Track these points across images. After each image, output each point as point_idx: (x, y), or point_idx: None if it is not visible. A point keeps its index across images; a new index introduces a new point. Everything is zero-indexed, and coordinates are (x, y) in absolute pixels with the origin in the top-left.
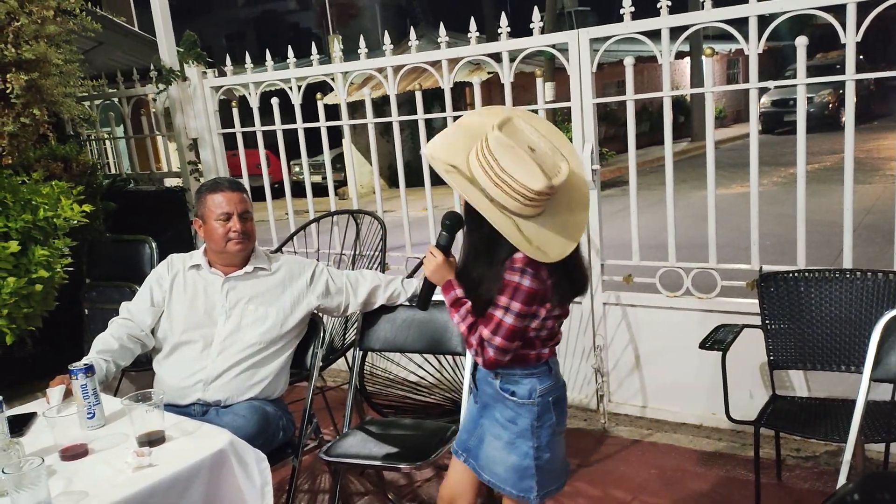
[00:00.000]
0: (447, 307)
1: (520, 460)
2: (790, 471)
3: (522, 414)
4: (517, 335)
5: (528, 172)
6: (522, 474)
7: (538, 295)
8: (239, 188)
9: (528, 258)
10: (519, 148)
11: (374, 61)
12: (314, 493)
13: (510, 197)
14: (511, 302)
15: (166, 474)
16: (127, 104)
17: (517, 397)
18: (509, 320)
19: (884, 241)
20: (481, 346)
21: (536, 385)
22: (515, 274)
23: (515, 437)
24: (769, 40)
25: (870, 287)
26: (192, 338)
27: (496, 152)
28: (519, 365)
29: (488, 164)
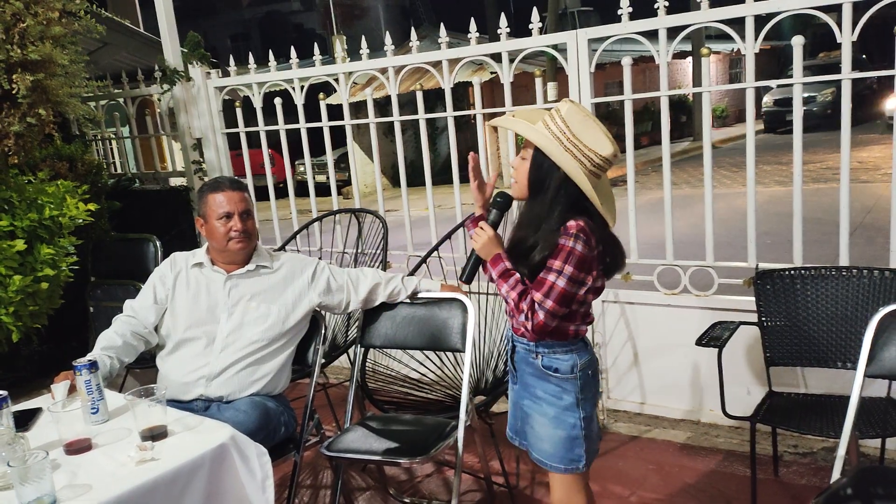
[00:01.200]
0: (495, 279)
1: (568, 432)
2: (787, 466)
3: (567, 388)
4: (567, 300)
5: (597, 139)
6: (572, 445)
7: (588, 261)
8: (240, 187)
9: (581, 224)
10: (588, 117)
11: (375, 62)
12: (316, 488)
13: (577, 161)
14: (564, 266)
15: (169, 468)
16: (132, 104)
17: (560, 373)
18: (561, 283)
19: (885, 241)
20: (532, 309)
21: (577, 360)
22: (570, 239)
23: (562, 411)
24: (771, 40)
25: (865, 284)
26: (195, 335)
27: (568, 119)
28: (559, 341)
29: (560, 130)
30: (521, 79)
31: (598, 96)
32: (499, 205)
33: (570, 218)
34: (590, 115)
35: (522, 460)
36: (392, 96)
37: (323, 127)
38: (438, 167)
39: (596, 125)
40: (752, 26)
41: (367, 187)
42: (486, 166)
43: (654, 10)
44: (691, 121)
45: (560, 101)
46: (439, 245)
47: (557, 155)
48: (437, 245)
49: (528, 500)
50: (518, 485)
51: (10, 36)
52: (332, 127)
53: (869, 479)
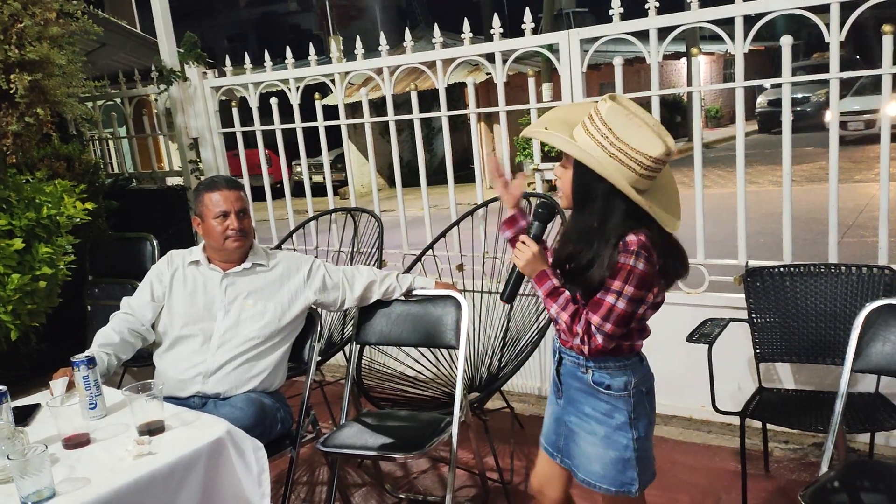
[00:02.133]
0: (542, 298)
1: (620, 454)
2: (777, 461)
3: (619, 406)
4: (627, 321)
5: (645, 139)
6: (624, 467)
7: (649, 279)
8: (236, 186)
9: (642, 240)
10: (633, 114)
11: (370, 62)
12: (312, 484)
13: (626, 167)
14: (625, 286)
15: (165, 462)
16: (129, 104)
17: (613, 390)
18: (622, 305)
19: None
20: (588, 333)
21: (631, 377)
22: (630, 257)
23: (613, 430)
24: (766, 40)
25: (854, 281)
26: (191, 332)
27: (610, 121)
28: (614, 356)
29: (602, 135)
30: (517, 79)
31: (593, 96)
32: (541, 216)
33: (628, 230)
34: (634, 111)
35: (517, 456)
36: (387, 96)
37: (319, 127)
38: (435, 167)
39: (642, 123)
40: (741, 26)
41: (364, 187)
42: (480, 167)
43: (646, 11)
44: (686, 121)
45: (601, 99)
46: (434, 243)
47: (599, 166)
48: (433, 243)
49: (523, 495)
50: (512, 480)
51: (7, 36)
52: (329, 127)
53: (856, 473)
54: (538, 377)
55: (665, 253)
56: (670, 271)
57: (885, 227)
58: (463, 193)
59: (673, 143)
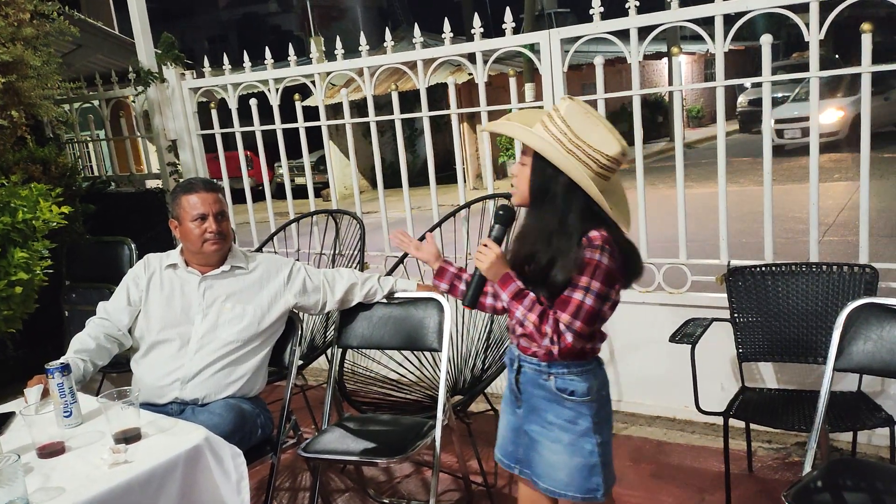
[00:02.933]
0: (507, 301)
1: (585, 460)
2: (760, 461)
3: (583, 412)
4: (595, 318)
5: (602, 137)
6: (589, 473)
7: (614, 274)
8: (214, 188)
9: (606, 235)
10: (591, 114)
11: (350, 62)
12: (295, 490)
13: (583, 164)
14: (592, 281)
15: (142, 470)
16: (106, 106)
17: (577, 396)
18: (590, 302)
19: (857, 238)
20: (558, 333)
21: (593, 381)
22: (596, 251)
23: (578, 437)
24: (747, 40)
25: (835, 280)
26: (169, 336)
27: (569, 118)
28: (576, 362)
29: (560, 131)
30: (499, 80)
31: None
32: (502, 218)
33: (588, 228)
34: (592, 111)
35: None
36: (367, 97)
37: (299, 128)
38: (418, 169)
39: (599, 122)
40: (721, 26)
41: (347, 189)
42: (463, 168)
43: (626, 11)
44: (668, 121)
45: (560, 99)
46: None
47: (560, 159)
48: None
49: (506, 498)
50: (496, 484)
51: None
52: (310, 129)
53: (839, 472)
54: None
55: (624, 249)
56: (629, 270)
57: (865, 225)
58: (446, 195)
59: (626, 146)
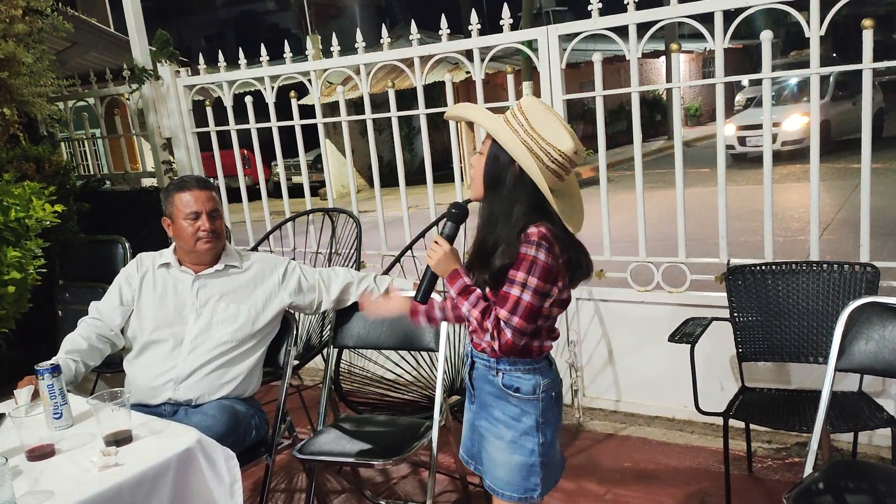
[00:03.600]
0: (455, 297)
1: (525, 458)
2: (761, 462)
3: (527, 410)
4: (535, 315)
5: (556, 133)
6: (528, 472)
7: (553, 271)
8: (207, 186)
9: (542, 231)
10: (550, 111)
11: (346, 59)
12: (290, 491)
13: (534, 155)
14: (528, 277)
15: (133, 473)
16: (100, 104)
17: (521, 393)
18: (527, 297)
19: (856, 237)
20: (497, 328)
21: (540, 380)
22: (531, 247)
23: (520, 435)
24: (744, 38)
25: (836, 279)
26: (162, 336)
27: (528, 111)
28: (522, 359)
29: (518, 122)
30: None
31: (572, 94)
32: (454, 216)
33: (531, 221)
34: (551, 109)
35: None
36: (364, 94)
37: (295, 126)
38: (415, 167)
39: (557, 119)
40: (720, 21)
41: (344, 188)
42: (460, 166)
43: (625, 7)
44: (665, 120)
45: (524, 97)
46: (413, 244)
47: (513, 146)
48: (411, 244)
49: None
50: None
51: None
52: (307, 128)
53: (840, 473)
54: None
55: (568, 247)
56: (575, 266)
57: (866, 223)
58: (443, 193)
59: (582, 149)
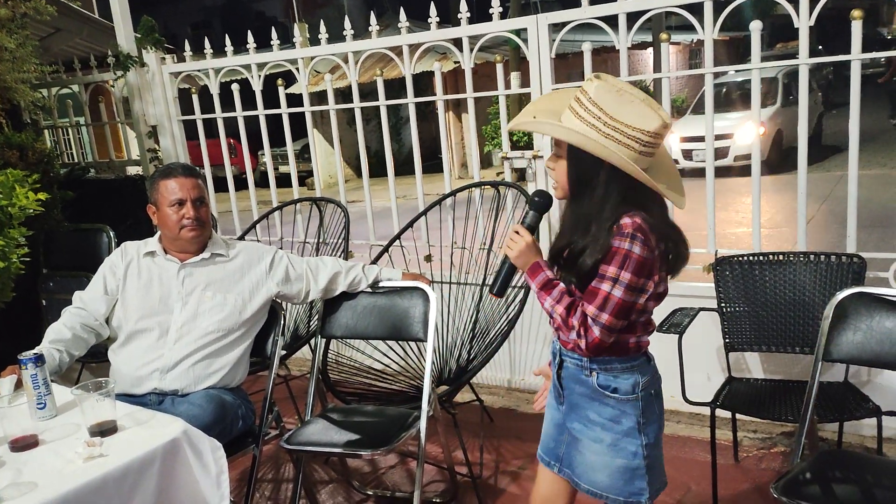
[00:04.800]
0: (536, 292)
1: (628, 462)
2: (747, 452)
3: (627, 411)
4: (626, 312)
5: (639, 114)
6: (632, 476)
7: (648, 264)
8: (193, 173)
9: (638, 222)
10: (623, 91)
11: (334, 46)
12: (278, 482)
13: (624, 146)
14: (621, 272)
15: (118, 464)
16: (85, 91)
17: (619, 394)
18: (618, 294)
19: (840, 227)
20: (584, 326)
21: (639, 378)
22: (625, 240)
23: (621, 437)
24: (732, 30)
25: (822, 269)
26: (147, 326)
27: (600, 101)
28: (618, 356)
29: (594, 116)
30: (485, 68)
31: (561, 83)
32: (537, 205)
33: (623, 213)
34: (624, 86)
35: (486, 450)
36: (352, 83)
37: (282, 115)
38: (403, 158)
39: (634, 98)
40: (710, 11)
41: (332, 177)
42: (448, 157)
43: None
44: None
45: (586, 80)
46: (402, 233)
47: (597, 148)
48: (400, 233)
49: (492, 489)
50: (481, 475)
51: None
52: (295, 117)
53: (827, 463)
54: (507, 369)
55: (666, 237)
56: (673, 256)
57: (853, 214)
58: (431, 184)
59: (668, 116)
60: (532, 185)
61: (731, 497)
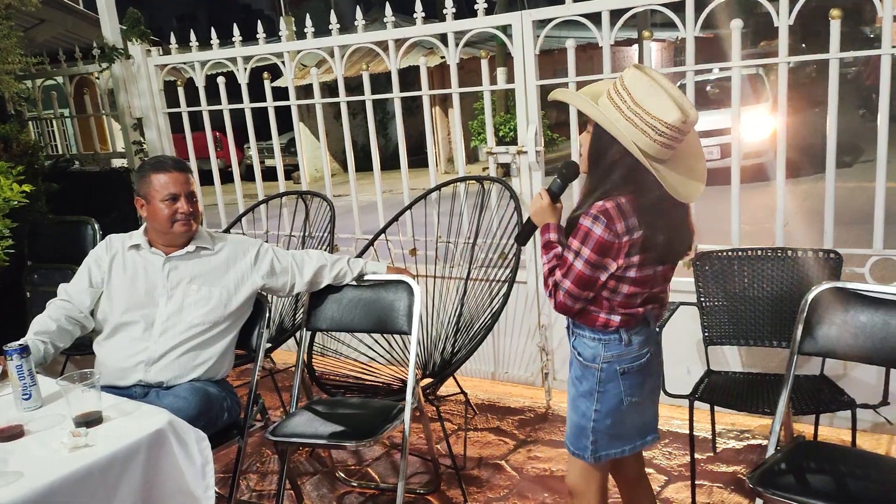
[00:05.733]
0: (541, 248)
1: (579, 419)
2: (724, 443)
3: (587, 375)
4: (585, 283)
5: (661, 105)
6: (581, 432)
7: (608, 246)
8: (184, 168)
9: (604, 207)
10: (655, 81)
11: (320, 40)
12: (263, 473)
13: (640, 131)
14: (582, 247)
15: (103, 454)
16: (70, 83)
17: (582, 358)
18: (578, 265)
19: (821, 225)
20: (555, 287)
21: (601, 351)
22: (588, 219)
23: (578, 395)
24: (715, 28)
25: (800, 264)
26: (133, 318)
27: (631, 87)
28: (589, 327)
29: (621, 99)
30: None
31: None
32: (562, 175)
33: (619, 193)
34: (657, 78)
35: (469, 442)
36: (338, 77)
37: (268, 108)
38: (390, 152)
39: (662, 90)
40: (692, 9)
41: (318, 172)
42: (434, 151)
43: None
44: None
45: (627, 68)
46: (387, 227)
47: (614, 126)
48: (385, 228)
49: (475, 480)
50: (465, 466)
51: None
52: (281, 111)
53: (802, 455)
54: (491, 362)
55: (653, 226)
56: (656, 246)
57: (830, 211)
58: (417, 178)
59: (694, 114)
60: (517, 180)
61: (709, 488)
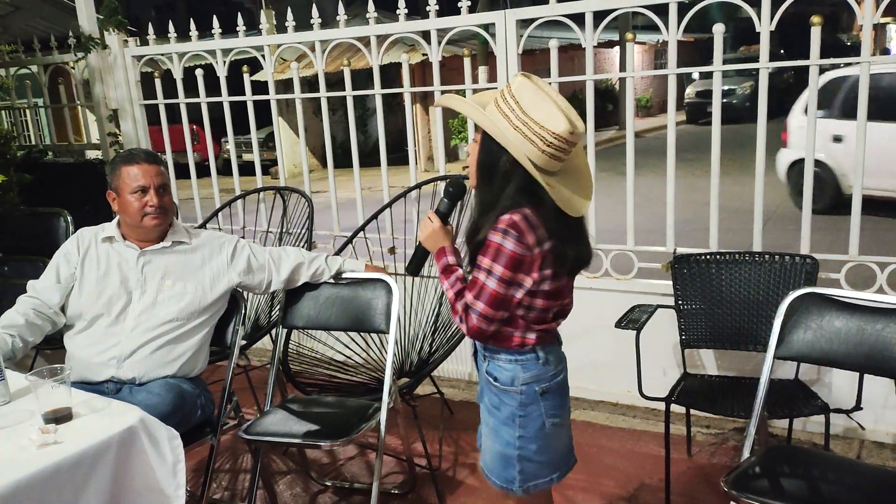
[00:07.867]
0: (439, 275)
1: (503, 448)
2: (699, 446)
3: (505, 401)
4: (501, 303)
5: (549, 114)
6: (506, 463)
7: (521, 261)
8: (156, 160)
9: (513, 219)
10: (541, 90)
11: (301, 35)
12: (235, 472)
13: (529, 140)
14: (493, 265)
15: (72, 452)
16: (44, 72)
17: (499, 383)
18: (492, 285)
19: (796, 230)
20: (466, 311)
21: (519, 373)
22: (497, 234)
23: (500, 424)
24: (697, 32)
25: (777, 269)
26: (104, 312)
27: (519, 94)
28: (504, 348)
29: (509, 108)
30: (453, 62)
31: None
32: (450, 194)
33: (517, 206)
34: (546, 88)
35: (446, 442)
36: (319, 72)
37: (247, 102)
38: (369, 149)
39: (549, 99)
40: (675, 12)
41: (297, 167)
42: (415, 149)
43: None
44: (617, 110)
45: (513, 76)
46: (366, 225)
47: (504, 136)
48: (364, 225)
49: (450, 481)
50: (440, 466)
51: None
52: (260, 105)
53: (776, 458)
54: (469, 362)
55: (559, 237)
56: (564, 257)
57: (808, 217)
58: (396, 176)
59: (581, 125)
60: None
61: (683, 490)
